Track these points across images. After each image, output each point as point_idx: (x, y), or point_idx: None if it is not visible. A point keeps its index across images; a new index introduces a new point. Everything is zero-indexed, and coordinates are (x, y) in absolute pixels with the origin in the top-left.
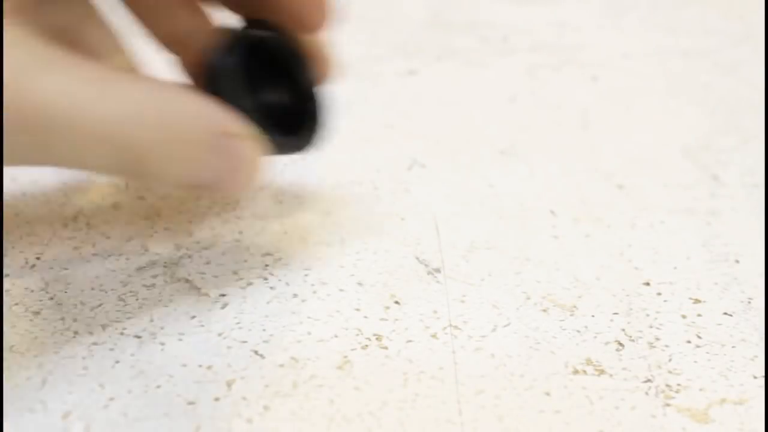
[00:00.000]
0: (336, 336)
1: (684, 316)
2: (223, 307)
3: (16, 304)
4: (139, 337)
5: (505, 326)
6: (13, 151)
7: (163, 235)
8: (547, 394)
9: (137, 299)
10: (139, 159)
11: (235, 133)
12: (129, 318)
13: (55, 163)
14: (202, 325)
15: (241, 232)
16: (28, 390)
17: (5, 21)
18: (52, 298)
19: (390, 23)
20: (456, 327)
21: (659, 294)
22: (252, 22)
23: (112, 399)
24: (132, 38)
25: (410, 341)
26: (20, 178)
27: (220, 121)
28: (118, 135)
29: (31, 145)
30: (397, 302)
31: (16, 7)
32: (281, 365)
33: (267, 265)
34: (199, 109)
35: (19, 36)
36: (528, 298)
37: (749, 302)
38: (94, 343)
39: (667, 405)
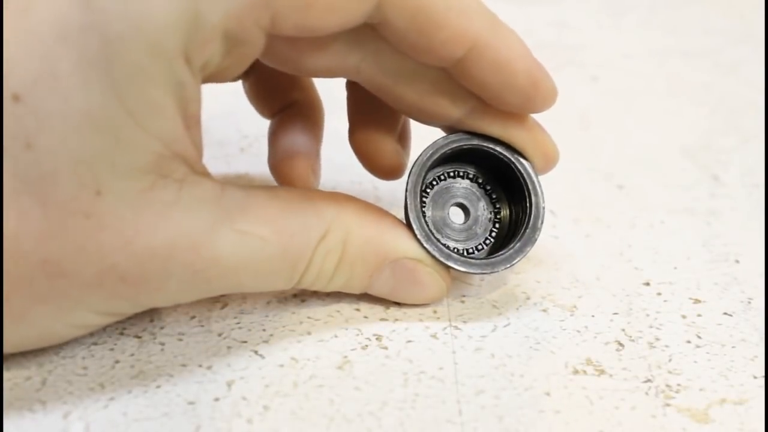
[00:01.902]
0: (336, 336)
1: (684, 316)
2: (223, 307)
3: None
4: (139, 337)
5: (505, 326)
6: (168, 296)
7: None
8: (547, 394)
9: None
10: (301, 280)
11: (408, 259)
12: (129, 318)
13: (205, 296)
14: (202, 325)
15: None
16: (28, 390)
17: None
18: None
19: None
20: (456, 327)
21: (659, 294)
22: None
23: (112, 399)
24: None
25: (410, 341)
26: None
27: (394, 250)
28: (283, 267)
29: (191, 290)
30: (397, 302)
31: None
32: (281, 365)
33: None
34: (373, 236)
35: (212, 190)
36: (528, 298)
37: (749, 302)
38: (94, 343)
39: (667, 405)
